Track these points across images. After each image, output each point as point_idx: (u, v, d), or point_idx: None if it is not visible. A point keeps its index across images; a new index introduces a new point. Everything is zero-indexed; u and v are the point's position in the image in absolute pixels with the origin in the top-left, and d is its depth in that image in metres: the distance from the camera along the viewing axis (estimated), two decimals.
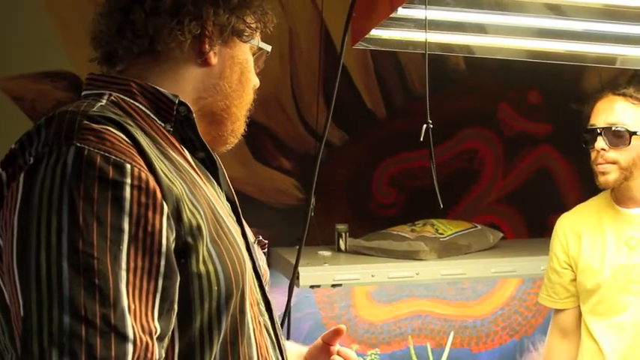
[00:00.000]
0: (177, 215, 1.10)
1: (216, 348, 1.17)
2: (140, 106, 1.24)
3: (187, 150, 1.30)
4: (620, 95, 2.31)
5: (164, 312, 1.08)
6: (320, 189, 2.48)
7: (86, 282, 0.99)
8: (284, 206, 3.10)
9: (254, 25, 1.38)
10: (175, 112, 1.26)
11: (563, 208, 2.60)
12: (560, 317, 2.53)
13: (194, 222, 1.13)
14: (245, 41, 1.37)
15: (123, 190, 1.04)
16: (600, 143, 2.28)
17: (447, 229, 2.94)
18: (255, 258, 1.36)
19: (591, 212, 2.47)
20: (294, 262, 2.52)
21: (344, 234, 2.94)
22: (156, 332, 1.05)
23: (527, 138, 3.45)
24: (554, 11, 2.00)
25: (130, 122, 1.17)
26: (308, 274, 2.58)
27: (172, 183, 1.12)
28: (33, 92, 2.75)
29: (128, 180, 1.05)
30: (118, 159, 1.06)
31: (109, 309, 0.99)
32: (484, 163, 3.40)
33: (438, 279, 2.91)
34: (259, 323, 1.30)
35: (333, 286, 2.68)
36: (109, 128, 1.10)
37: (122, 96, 1.24)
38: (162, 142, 1.22)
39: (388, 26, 2.09)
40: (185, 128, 1.29)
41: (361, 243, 2.89)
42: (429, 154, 1.84)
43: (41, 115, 1.13)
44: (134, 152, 1.09)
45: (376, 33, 2.14)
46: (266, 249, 1.52)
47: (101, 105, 1.18)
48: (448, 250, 2.86)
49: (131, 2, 1.28)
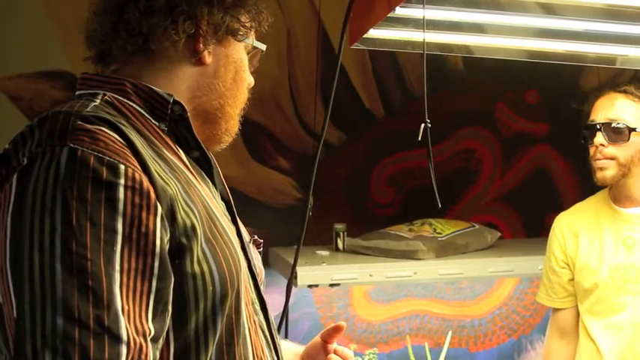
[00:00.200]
0: (171, 216, 1.10)
1: (211, 349, 1.16)
2: (134, 106, 1.24)
3: (182, 149, 1.29)
4: (620, 92, 2.31)
5: (158, 313, 1.07)
6: (318, 189, 2.48)
7: (79, 283, 0.99)
8: (282, 206, 3.09)
9: (248, 24, 1.37)
10: (170, 112, 1.26)
11: (560, 208, 2.60)
12: (558, 317, 2.53)
13: (188, 222, 1.12)
14: (239, 40, 1.36)
15: (116, 191, 1.04)
16: (599, 139, 2.28)
17: (445, 229, 2.94)
18: (250, 257, 1.36)
19: (589, 212, 2.47)
20: (292, 262, 2.52)
21: (342, 233, 2.94)
22: (150, 333, 1.05)
23: (524, 138, 3.45)
24: (553, 11, 2.00)
25: (124, 122, 1.17)
26: (306, 274, 2.58)
27: (166, 183, 1.12)
28: (31, 92, 2.75)
29: (122, 181, 1.05)
30: (112, 160, 1.05)
31: (103, 310, 0.99)
32: (482, 163, 3.40)
33: (436, 278, 2.91)
34: (254, 323, 1.29)
35: (331, 286, 2.68)
36: (103, 129, 1.09)
37: (116, 96, 1.24)
38: (156, 142, 1.22)
39: (386, 26, 2.09)
40: (180, 127, 1.29)
41: (359, 242, 2.89)
42: (427, 154, 1.84)
43: (38, 115, 1.12)
44: (128, 153, 1.09)
45: (374, 33, 2.14)
46: (261, 248, 1.52)
47: (95, 105, 1.18)
48: (446, 250, 2.86)
49: (125, 1, 1.28)
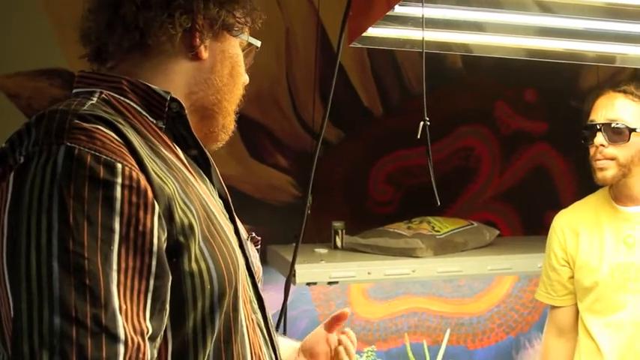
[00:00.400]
0: (168, 214, 1.10)
1: (209, 347, 1.16)
2: (131, 104, 1.24)
3: (179, 147, 1.29)
4: (620, 92, 2.30)
5: (156, 312, 1.07)
6: (316, 187, 2.48)
7: (77, 282, 0.99)
8: (280, 204, 3.09)
9: (243, 20, 1.37)
10: (167, 109, 1.26)
11: (559, 206, 2.60)
12: (557, 315, 2.53)
13: (186, 221, 1.12)
14: (235, 35, 1.36)
15: (114, 190, 1.04)
16: (599, 139, 2.28)
17: (444, 227, 2.94)
18: (248, 255, 1.35)
19: (589, 210, 2.46)
20: (290, 260, 2.52)
21: (340, 231, 2.94)
22: (148, 332, 1.05)
23: (523, 136, 3.45)
24: (552, 9, 2.00)
25: (121, 121, 1.16)
26: (304, 272, 2.58)
27: (164, 182, 1.12)
28: (29, 90, 2.75)
29: (119, 179, 1.04)
30: (109, 158, 1.05)
31: (100, 309, 0.99)
32: (481, 161, 3.40)
33: (435, 276, 2.91)
34: (252, 321, 1.29)
35: (330, 284, 2.68)
36: (100, 127, 1.09)
37: (113, 94, 1.23)
38: (154, 140, 1.22)
39: (385, 24, 2.09)
40: (177, 125, 1.28)
41: (358, 240, 2.89)
42: (426, 152, 1.84)
43: (36, 113, 1.12)
44: (125, 151, 1.08)
45: (373, 31, 2.13)
46: (259, 246, 1.52)
47: (92, 103, 1.17)
48: (444, 248, 2.86)
49: None
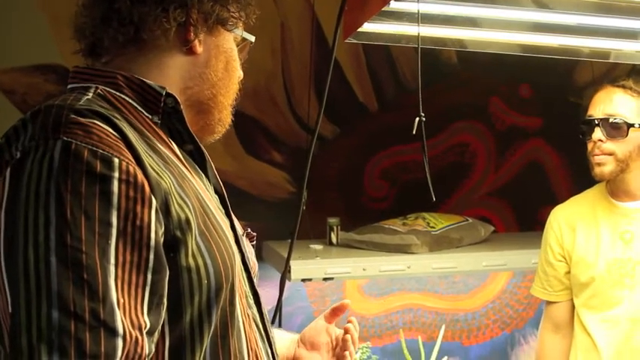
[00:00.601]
0: (165, 209, 1.10)
1: (206, 341, 1.16)
2: (127, 99, 1.24)
3: (175, 142, 1.29)
4: (619, 87, 2.30)
5: (153, 306, 1.07)
6: (312, 182, 2.48)
7: (75, 276, 0.99)
8: (275, 200, 3.09)
9: (237, 14, 1.37)
10: (163, 104, 1.26)
11: (554, 202, 2.60)
12: (553, 310, 2.52)
13: (182, 215, 1.12)
14: (229, 30, 1.36)
15: (111, 184, 1.04)
16: (597, 134, 2.27)
17: (439, 223, 2.94)
18: (243, 250, 1.36)
19: (586, 205, 2.46)
20: (285, 256, 2.52)
21: (335, 227, 2.93)
22: (145, 327, 1.05)
23: (518, 132, 3.45)
24: (546, 5, 2.00)
25: (117, 115, 1.16)
26: (299, 268, 2.58)
27: (160, 177, 1.12)
28: (24, 85, 2.74)
29: (116, 174, 1.05)
30: (106, 153, 1.05)
31: (98, 304, 0.99)
32: (476, 157, 3.40)
33: (430, 272, 2.92)
34: (248, 316, 1.30)
35: (325, 280, 2.68)
36: (97, 122, 1.09)
37: (108, 89, 1.23)
38: (149, 135, 1.22)
39: (380, 20, 2.08)
40: (173, 120, 1.28)
41: (353, 236, 2.89)
42: (422, 148, 1.83)
43: (32, 109, 1.12)
44: (122, 146, 1.08)
45: (368, 27, 2.13)
46: (254, 241, 1.52)
47: (88, 98, 1.17)
48: (439, 244, 2.86)
49: None
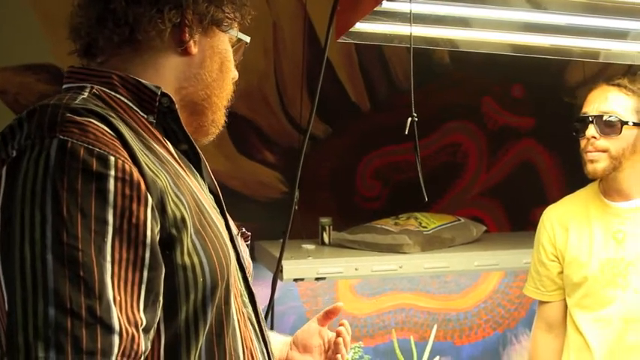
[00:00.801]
0: (161, 207, 1.11)
1: (201, 339, 1.17)
2: (122, 99, 1.24)
3: (170, 142, 1.30)
4: (614, 85, 2.30)
5: (149, 303, 1.08)
6: (304, 182, 2.48)
7: (71, 274, 0.99)
8: (268, 200, 3.09)
9: (232, 15, 1.37)
10: (158, 104, 1.26)
11: (546, 202, 2.60)
12: (546, 310, 2.53)
13: (178, 214, 1.13)
14: (224, 31, 1.36)
15: (107, 183, 1.04)
16: (591, 131, 2.27)
17: (431, 223, 2.94)
18: (238, 250, 1.36)
19: (579, 204, 2.46)
20: (277, 256, 2.52)
21: (328, 227, 2.94)
22: (142, 324, 1.06)
23: (510, 132, 3.46)
24: (537, 5, 2.01)
25: (113, 115, 1.17)
26: (292, 268, 2.58)
27: (156, 175, 1.12)
28: (16, 85, 2.74)
29: (112, 172, 1.05)
30: (102, 151, 1.06)
31: (95, 301, 1.00)
32: (468, 157, 3.41)
33: (422, 272, 2.92)
34: (243, 315, 1.30)
35: (317, 280, 2.68)
36: (92, 121, 1.09)
37: (104, 88, 1.24)
38: (145, 135, 1.22)
39: (373, 20, 2.09)
40: (168, 120, 1.29)
41: (345, 236, 2.89)
42: (414, 148, 1.84)
43: (24, 108, 1.12)
44: (118, 144, 1.09)
45: (360, 26, 2.13)
46: (249, 241, 1.53)
47: (83, 97, 1.18)
48: (432, 244, 2.86)
49: None
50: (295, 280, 2.66)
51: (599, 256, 2.34)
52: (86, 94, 1.20)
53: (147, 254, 1.07)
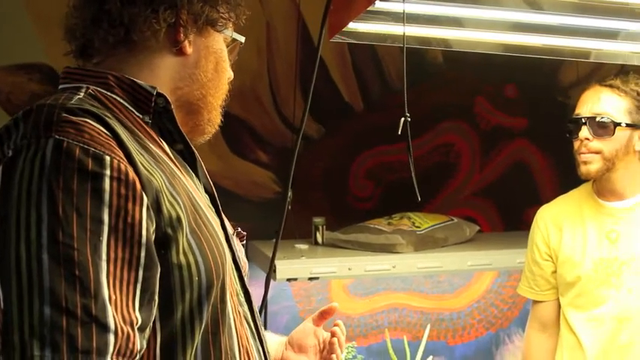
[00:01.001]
0: (156, 207, 1.11)
1: (197, 338, 1.17)
2: (118, 99, 1.24)
3: (165, 142, 1.30)
4: (607, 86, 2.30)
5: (145, 302, 1.09)
6: (297, 182, 2.48)
7: (66, 273, 1.00)
8: (261, 199, 3.09)
9: (227, 15, 1.38)
10: (153, 104, 1.26)
11: (539, 202, 2.61)
12: (539, 310, 2.53)
13: (174, 213, 1.13)
14: (219, 30, 1.36)
15: (102, 182, 1.05)
16: (584, 132, 2.27)
17: (424, 223, 2.95)
18: (234, 249, 1.37)
19: (572, 204, 2.47)
20: (270, 256, 2.52)
21: (321, 227, 2.94)
22: (137, 323, 1.06)
23: (503, 132, 3.46)
24: (530, 5, 2.01)
25: (109, 115, 1.17)
26: (285, 268, 2.58)
27: (151, 174, 1.13)
28: (8, 85, 2.73)
29: (107, 172, 1.06)
30: (98, 151, 1.06)
31: (90, 300, 1.00)
32: (461, 157, 3.41)
33: (415, 272, 2.92)
34: (239, 313, 1.31)
35: (310, 280, 2.68)
36: (88, 120, 1.10)
37: (100, 89, 1.24)
38: (140, 135, 1.22)
39: (366, 19, 2.09)
40: (163, 120, 1.29)
41: (338, 236, 2.90)
42: (407, 148, 1.84)
43: (16, 108, 1.13)
44: (113, 144, 1.09)
45: (354, 26, 2.13)
46: (244, 241, 1.54)
47: (79, 98, 1.18)
48: (425, 244, 2.87)
49: None
50: (288, 280, 2.67)
51: (592, 256, 2.34)
52: (82, 95, 1.20)
53: (142, 253, 1.07)
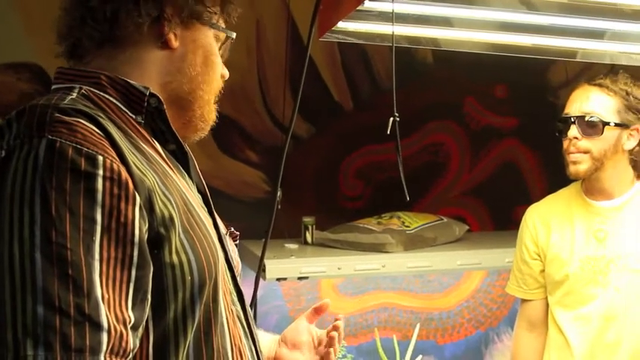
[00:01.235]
0: (149, 206, 1.12)
1: (189, 337, 1.18)
2: (111, 99, 1.24)
3: (158, 142, 1.30)
4: (596, 85, 2.31)
5: (137, 302, 1.09)
6: (286, 181, 2.48)
7: (59, 272, 1.00)
8: (251, 199, 3.09)
9: (212, 8, 1.37)
10: (146, 104, 1.26)
11: (528, 201, 2.61)
12: (528, 309, 2.54)
13: (166, 213, 1.14)
14: (204, 24, 1.35)
15: (95, 182, 1.05)
16: (573, 132, 2.28)
17: (414, 222, 2.95)
18: (227, 249, 1.37)
19: (561, 203, 2.48)
20: (259, 255, 2.52)
21: (310, 227, 2.94)
22: (130, 322, 1.07)
23: (493, 131, 3.47)
24: (519, 5, 2.02)
25: (102, 115, 1.17)
26: (274, 267, 2.58)
27: (144, 174, 1.13)
28: None
29: (100, 171, 1.06)
30: (90, 151, 1.07)
31: (83, 299, 1.01)
32: (450, 156, 3.42)
33: (404, 271, 2.93)
34: (232, 312, 1.31)
35: (300, 279, 2.69)
36: (81, 120, 1.10)
37: (92, 89, 1.24)
38: (133, 135, 1.22)
39: (355, 18, 2.09)
40: (156, 120, 1.29)
41: (328, 236, 2.90)
42: (396, 148, 1.84)
43: (6, 107, 1.13)
44: (106, 144, 1.10)
45: (343, 25, 2.14)
46: (237, 241, 1.54)
47: (72, 98, 1.18)
48: (414, 243, 2.87)
49: None
50: (278, 280, 2.67)
51: (579, 255, 2.35)
52: (75, 95, 1.20)
53: (135, 253, 1.08)
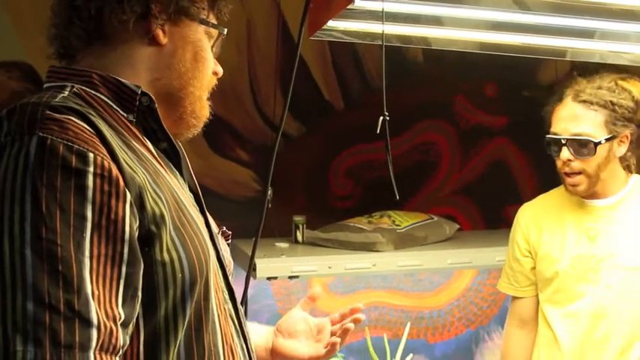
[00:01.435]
0: (140, 203, 1.12)
1: (180, 335, 1.18)
2: (102, 98, 1.24)
3: (150, 141, 1.30)
4: (580, 103, 2.28)
5: (128, 298, 1.09)
6: (277, 180, 2.48)
7: (49, 269, 1.00)
8: (241, 198, 3.09)
9: (200, 4, 1.36)
10: (138, 103, 1.26)
11: (518, 200, 2.62)
12: (519, 306, 2.55)
13: (157, 210, 1.14)
14: (193, 19, 1.35)
15: (86, 179, 1.05)
16: (565, 154, 2.27)
17: (404, 221, 2.95)
18: (218, 248, 1.38)
19: (553, 202, 2.48)
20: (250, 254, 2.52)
21: (301, 226, 2.94)
22: (120, 318, 1.07)
23: (483, 130, 3.47)
24: (509, 5, 2.02)
25: (93, 113, 1.17)
26: (265, 266, 2.58)
27: (135, 172, 1.13)
28: None
29: (91, 168, 1.06)
30: (81, 148, 1.07)
31: (73, 295, 1.01)
32: (441, 155, 3.42)
33: (395, 270, 2.93)
34: (224, 310, 1.31)
35: (290, 278, 2.69)
36: (72, 118, 1.10)
37: (84, 87, 1.24)
38: (124, 133, 1.23)
39: (346, 17, 2.10)
40: (148, 119, 1.29)
41: (318, 235, 2.90)
42: (386, 147, 1.85)
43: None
44: (97, 141, 1.10)
45: (334, 24, 2.14)
46: (230, 240, 1.54)
47: (63, 96, 1.19)
48: (405, 242, 2.87)
49: None
50: (269, 279, 2.67)
51: (570, 253, 2.36)
52: (66, 93, 1.21)
53: (125, 250, 1.08)
